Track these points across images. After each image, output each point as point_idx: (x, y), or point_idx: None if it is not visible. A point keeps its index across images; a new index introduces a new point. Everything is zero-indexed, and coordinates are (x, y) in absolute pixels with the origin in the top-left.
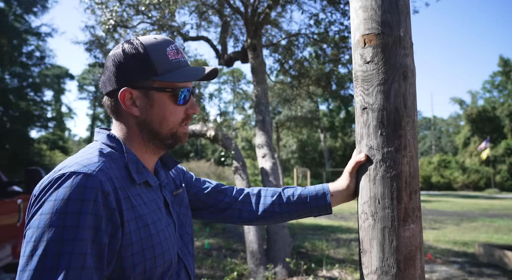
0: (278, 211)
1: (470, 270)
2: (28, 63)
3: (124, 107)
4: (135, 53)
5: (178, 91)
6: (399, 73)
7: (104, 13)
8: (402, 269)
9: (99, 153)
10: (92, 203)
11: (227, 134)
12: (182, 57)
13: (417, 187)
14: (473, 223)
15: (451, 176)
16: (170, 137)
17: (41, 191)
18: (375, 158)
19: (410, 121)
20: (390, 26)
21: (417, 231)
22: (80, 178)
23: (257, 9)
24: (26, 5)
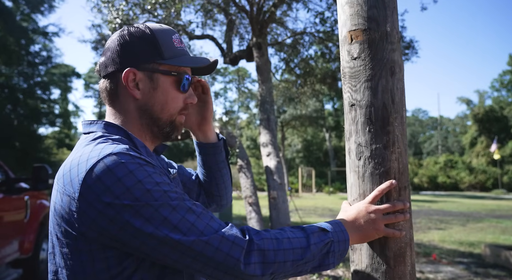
0: (207, 179)
1: (476, 270)
2: (35, 62)
3: (128, 89)
4: (143, 35)
5: (183, 76)
6: (386, 69)
7: (110, 12)
8: (392, 266)
9: (111, 140)
10: (147, 163)
11: (231, 132)
12: (185, 47)
13: (406, 183)
14: (479, 224)
15: (458, 177)
16: (169, 124)
17: (90, 189)
18: (363, 155)
19: (398, 117)
20: (376, 21)
21: (406, 227)
22: (119, 154)
23: (263, 8)
24: (34, 5)
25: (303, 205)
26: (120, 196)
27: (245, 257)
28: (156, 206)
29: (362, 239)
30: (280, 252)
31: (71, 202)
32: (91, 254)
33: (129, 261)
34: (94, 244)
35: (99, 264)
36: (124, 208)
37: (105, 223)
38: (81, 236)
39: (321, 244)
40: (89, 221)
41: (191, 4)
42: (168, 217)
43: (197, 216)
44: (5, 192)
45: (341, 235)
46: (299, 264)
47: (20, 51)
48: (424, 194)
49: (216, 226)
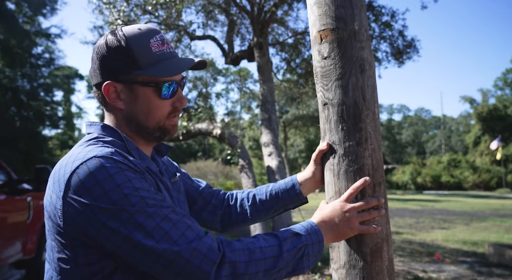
0: (254, 211)
1: (480, 270)
2: (38, 64)
3: (109, 100)
4: (117, 46)
5: (162, 86)
6: (356, 67)
7: (111, 13)
8: (368, 262)
9: (102, 142)
10: (128, 168)
11: (233, 133)
12: (167, 48)
13: (381, 179)
14: (483, 223)
15: (461, 176)
16: (158, 130)
17: (72, 190)
18: (337, 153)
19: (370, 113)
20: (344, 21)
21: (383, 223)
22: (102, 158)
23: (263, 8)
24: (36, 7)
25: (306, 205)
26: (98, 198)
27: (216, 270)
28: (132, 211)
29: (337, 238)
30: (251, 263)
31: (57, 200)
32: (74, 250)
33: (108, 260)
34: (76, 241)
35: (80, 259)
36: (101, 211)
37: (84, 224)
38: (65, 233)
39: (294, 249)
40: (70, 220)
41: (192, 4)
42: (143, 224)
43: (173, 225)
44: (8, 193)
45: (315, 237)
46: (272, 273)
47: (23, 53)
48: (428, 193)
49: (191, 236)
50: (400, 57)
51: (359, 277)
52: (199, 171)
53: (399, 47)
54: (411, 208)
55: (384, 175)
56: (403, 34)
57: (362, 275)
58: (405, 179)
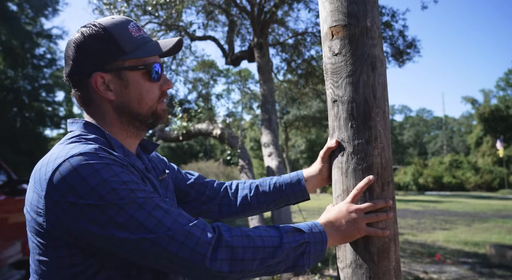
0: (255, 202)
1: (481, 270)
2: (40, 65)
3: (99, 93)
4: (98, 35)
5: (151, 67)
6: (367, 64)
7: (112, 14)
8: (375, 262)
9: (84, 140)
10: (114, 163)
11: (233, 133)
12: (145, 33)
13: (390, 178)
14: (485, 224)
15: (463, 177)
16: (151, 116)
17: (55, 189)
18: (346, 151)
19: (380, 112)
20: (356, 17)
21: (390, 223)
22: (86, 154)
23: (264, 8)
24: (38, 8)
25: (307, 206)
26: (85, 195)
27: (212, 253)
28: (122, 204)
29: (344, 240)
30: (249, 249)
31: (39, 200)
32: (56, 251)
33: (92, 260)
34: (60, 242)
35: (63, 261)
36: (88, 208)
37: (69, 223)
38: (48, 233)
39: (295, 244)
40: (54, 220)
41: (192, 5)
42: (134, 215)
43: (165, 212)
44: (8, 193)
45: (318, 236)
46: (270, 264)
47: (25, 54)
48: (430, 194)
49: (184, 221)
50: (401, 58)
51: (366, 277)
52: (201, 171)
53: (400, 47)
54: (412, 209)
55: (393, 175)
56: (403, 34)
57: (369, 275)
58: (406, 180)
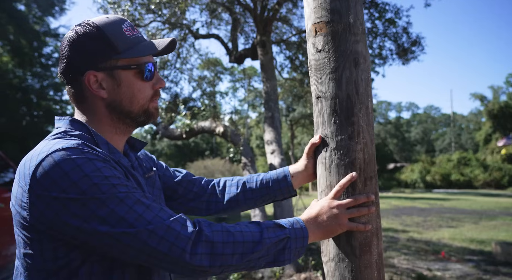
0: (243, 198)
1: (486, 268)
2: (48, 64)
3: (92, 91)
4: (91, 33)
5: (143, 67)
6: (349, 60)
7: (116, 13)
8: (357, 255)
9: (68, 135)
10: (97, 158)
11: (235, 130)
12: (139, 33)
13: (373, 173)
14: (492, 222)
15: (472, 174)
16: (142, 114)
17: (38, 183)
18: (329, 146)
19: (363, 107)
20: (339, 13)
21: (373, 217)
22: (68, 149)
23: (267, 6)
24: (45, 8)
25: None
26: (67, 189)
27: (192, 247)
28: (103, 198)
29: (326, 235)
30: (229, 244)
31: (23, 194)
32: (41, 244)
33: (75, 253)
34: (43, 235)
35: (47, 254)
36: (70, 202)
37: (52, 216)
38: (32, 227)
39: (276, 239)
40: (37, 214)
41: (195, 3)
42: (115, 209)
43: (146, 207)
44: None
45: (299, 232)
46: (250, 259)
47: (33, 53)
48: (437, 192)
49: (164, 216)
50: (405, 55)
51: (348, 271)
52: (206, 169)
53: (404, 45)
54: (419, 207)
55: (376, 170)
56: (407, 31)
57: (351, 268)
58: (414, 177)
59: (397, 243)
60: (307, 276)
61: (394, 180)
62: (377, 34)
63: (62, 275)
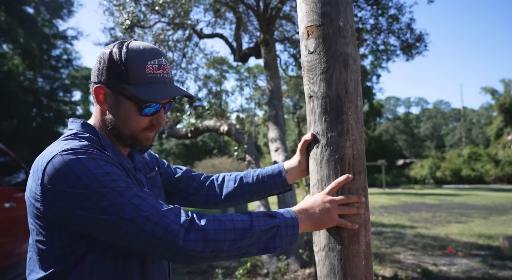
0: (240, 192)
1: (493, 263)
2: (57, 66)
3: (96, 101)
4: (117, 58)
5: (143, 105)
6: (339, 62)
7: (121, 15)
8: (346, 245)
9: (79, 138)
10: (100, 158)
11: (240, 129)
12: (162, 73)
13: (361, 168)
14: (502, 217)
15: (483, 169)
16: (130, 138)
17: (48, 178)
18: (320, 143)
19: (352, 106)
20: (329, 17)
21: (362, 209)
22: (76, 149)
23: (269, 4)
24: (54, 10)
25: None
26: (72, 184)
27: (185, 234)
28: (104, 192)
29: (316, 227)
30: (220, 231)
31: (36, 187)
32: (51, 232)
33: (81, 242)
34: (53, 224)
35: (56, 241)
36: (75, 195)
37: (60, 207)
38: (44, 217)
39: (265, 227)
40: (48, 204)
41: (199, 3)
42: (115, 202)
43: (143, 200)
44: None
45: (290, 221)
46: (241, 245)
47: (42, 55)
48: (447, 187)
49: (160, 207)
50: (409, 51)
51: (337, 259)
52: (214, 168)
53: (408, 41)
54: (428, 203)
55: (365, 165)
56: (411, 28)
57: (340, 257)
58: (423, 173)
59: (404, 238)
60: (311, 272)
61: (403, 176)
62: (381, 30)
63: (69, 261)
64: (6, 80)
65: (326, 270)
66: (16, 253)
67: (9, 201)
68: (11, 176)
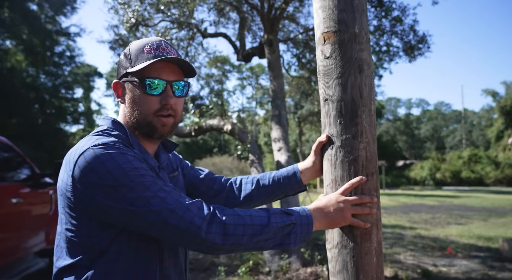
0: (257, 194)
1: (492, 264)
2: (60, 63)
3: (116, 98)
4: (126, 51)
5: (144, 81)
6: (354, 67)
7: (126, 13)
8: (358, 243)
9: (108, 134)
10: (128, 153)
11: (243, 128)
12: (161, 52)
13: (374, 169)
14: (502, 219)
15: (483, 171)
16: (145, 125)
17: (80, 170)
18: (335, 144)
19: (366, 110)
20: (346, 24)
21: (373, 208)
22: (107, 144)
23: (274, 5)
24: (57, 7)
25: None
26: (103, 176)
27: (207, 226)
28: (132, 186)
29: (330, 225)
30: (239, 226)
31: (68, 178)
32: (79, 221)
33: (107, 233)
34: (82, 214)
35: (84, 231)
36: (105, 187)
37: (90, 198)
38: (74, 206)
39: (282, 224)
40: (78, 194)
41: (204, 3)
42: (142, 194)
43: (168, 193)
44: (32, 186)
45: (305, 219)
46: (259, 240)
47: (45, 52)
48: (447, 189)
49: (183, 201)
50: (412, 53)
51: (350, 256)
52: (215, 166)
53: (411, 42)
54: (428, 204)
55: (377, 166)
56: (414, 29)
57: (352, 254)
58: (423, 174)
59: (403, 239)
60: (313, 270)
61: (403, 178)
62: (384, 32)
63: (95, 250)
64: (9, 77)
65: (339, 267)
66: (22, 248)
67: (16, 197)
68: (17, 172)
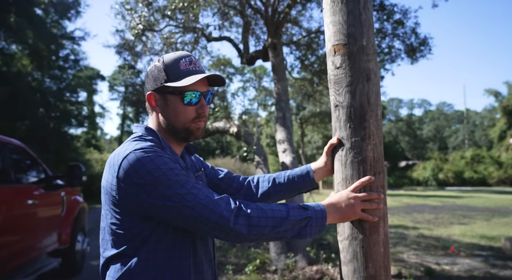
0: (273, 191)
1: (494, 263)
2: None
3: (150, 107)
4: (158, 65)
5: (184, 94)
6: (363, 76)
7: (133, 19)
8: (367, 235)
9: (144, 140)
10: (164, 155)
11: (249, 130)
12: (194, 67)
13: (381, 169)
14: (505, 219)
15: (486, 171)
16: (183, 131)
17: (124, 171)
18: (345, 146)
19: (374, 115)
20: (354, 37)
21: (381, 204)
22: (145, 148)
23: (277, 9)
24: (62, 12)
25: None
26: (144, 176)
27: (234, 219)
28: (169, 184)
29: (342, 219)
30: (262, 219)
31: (112, 179)
32: (123, 216)
33: (146, 225)
34: (124, 209)
35: (126, 224)
36: (146, 186)
37: (133, 195)
38: (118, 203)
39: (299, 217)
40: (122, 192)
41: (208, 7)
42: (178, 191)
43: (199, 190)
44: (45, 188)
45: (320, 213)
46: (279, 231)
47: (50, 56)
48: (450, 189)
49: (213, 196)
50: (414, 55)
51: (359, 247)
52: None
53: (413, 44)
54: (431, 204)
55: (384, 166)
56: (415, 32)
57: (362, 245)
58: (426, 175)
59: (406, 239)
60: (318, 269)
61: (405, 178)
62: (385, 34)
63: (137, 240)
64: (16, 81)
65: (350, 256)
66: (37, 248)
67: (31, 198)
68: (32, 174)
